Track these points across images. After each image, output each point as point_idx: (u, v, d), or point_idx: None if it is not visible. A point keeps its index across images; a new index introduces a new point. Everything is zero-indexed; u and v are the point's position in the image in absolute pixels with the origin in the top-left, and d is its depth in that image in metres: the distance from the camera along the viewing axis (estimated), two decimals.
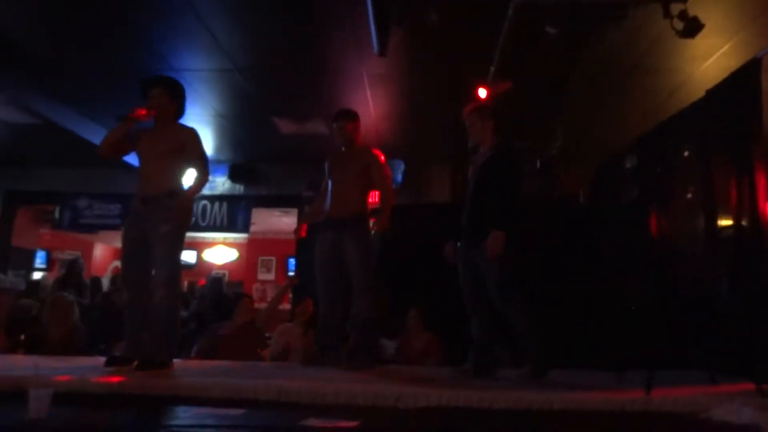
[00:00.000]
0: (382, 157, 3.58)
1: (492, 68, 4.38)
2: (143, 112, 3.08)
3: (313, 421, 2.03)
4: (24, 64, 4.83)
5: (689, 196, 3.76)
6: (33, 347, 4.00)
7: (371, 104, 5.58)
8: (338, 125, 3.56)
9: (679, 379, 2.75)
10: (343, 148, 3.60)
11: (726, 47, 4.29)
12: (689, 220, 3.68)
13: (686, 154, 3.79)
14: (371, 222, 3.47)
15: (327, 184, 3.62)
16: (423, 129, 6.30)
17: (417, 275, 5.29)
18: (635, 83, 4.90)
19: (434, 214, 5.93)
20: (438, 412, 2.23)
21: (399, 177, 6.76)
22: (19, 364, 3.05)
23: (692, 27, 3.47)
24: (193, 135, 3.16)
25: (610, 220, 4.66)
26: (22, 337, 4.54)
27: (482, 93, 4.49)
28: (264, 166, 7.44)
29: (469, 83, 4.56)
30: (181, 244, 3.08)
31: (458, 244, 3.20)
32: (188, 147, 3.12)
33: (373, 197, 7.09)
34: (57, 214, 7.59)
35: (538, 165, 6.01)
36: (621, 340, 3.22)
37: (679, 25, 3.49)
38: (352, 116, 3.60)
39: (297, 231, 3.66)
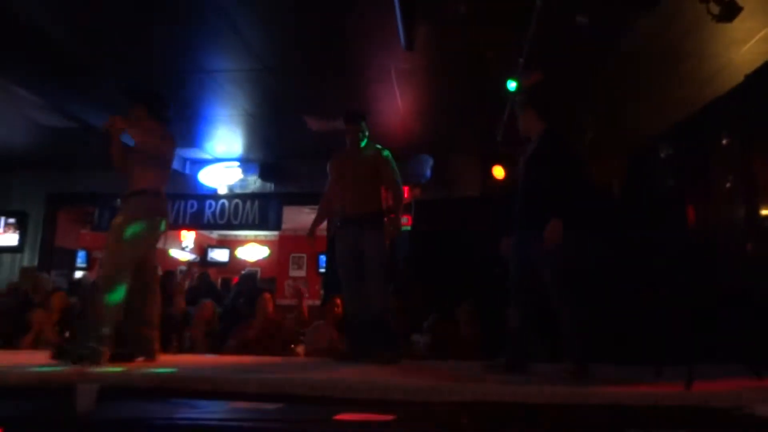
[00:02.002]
0: (388, 159, 3.61)
1: (521, 60, 4.33)
2: (117, 123, 3.15)
3: (347, 416, 2.06)
4: (63, 70, 4.99)
5: (728, 185, 3.65)
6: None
7: (399, 99, 5.57)
8: (347, 128, 3.63)
9: (720, 373, 2.69)
10: (350, 149, 3.65)
11: (765, 31, 4.14)
12: (728, 210, 3.57)
13: (725, 141, 3.68)
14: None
15: (333, 185, 3.67)
16: (451, 123, 6.26)
17: (447, 269, 5.29)
18: (670, 70, 4.77)
19: (464, 208, 5.92)
20: (472, 406, 2.23)
21: (428, 172, 6.73)
22: None
23: (730, 11, 3.36)
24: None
25: (644, 211, 4.56)
26: (68, 334, 4.73)
27: (511, 86, 4.44)
28: (294, 163, 7.51)
29: (498, 76, 4.52)
30: None
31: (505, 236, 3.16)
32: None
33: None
34: (96, 216, 7.83)
35: None
36: (658, 334, 3.15)
37: (716, 9, 3.38)
38: (361, 118, 3.66)
39: (310, 237, 3.72)
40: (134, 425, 2.02)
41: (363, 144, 3.65)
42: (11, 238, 7.69)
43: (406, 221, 6.77)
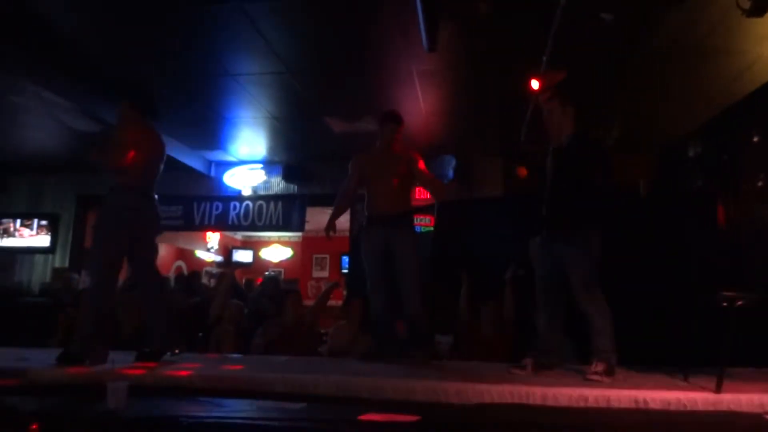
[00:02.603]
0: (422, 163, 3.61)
1: (544, 58, 4.28)
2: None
3: (372, 416, 2.06)
4: (93, 76, 5.11)
5: (759, 184, 3.56)
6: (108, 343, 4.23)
7: (421, 100, 5.57)
8: (391, 128, 3.60)
9: (751, 377, 2.63)
10: (382, 149, 3.63)
11: None
12: (759, 209, 3.48)
13: (756, 139, 3.59)
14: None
15: (353, 183, 3.67)
16: (473, 123, 6.23)
17: (470, 270, 5.26)
18: (698, 67, 4.67)
19: (487, 208, 5.88)
20: (498, 408, 2.22)
21: (450, 172, 6.71)
22: None
23: (761, 5, 3.27)
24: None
25: (672, 210, 4.47)
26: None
27: (535, 85, 4.40)
28: (316, 165, 7.57)
29: (520, 75, 4.48)
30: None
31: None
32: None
33: (421, 194, 7.12)
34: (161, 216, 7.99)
35: None
36: (686, 336, 3.09)
37: (746, 3, 3.30)
38: (401, 122, 3.66)
39: (328, 230, 3.71)
40: (163, 423, 2.06)
41: (395, 144, 3.63)
42: (43, 240, 7.90)
43: (428, 222, 6.76)
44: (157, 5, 3.97)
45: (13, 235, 7.94)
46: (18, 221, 7.94)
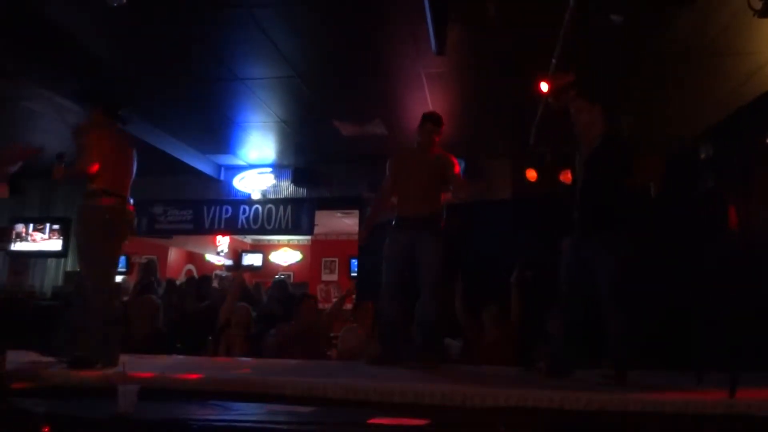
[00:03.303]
0: (457, 167, 3.60)
1: (553, 60, 4.27)
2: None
3: (381, 419, 2.06)
4: (104, 82, 5.16)
5: None
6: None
7: (429, 103, 5.56)
8: (428, 129, 3.57)
9: (766, 381, 2.59)
10: (419, 150, 3.59)
11: None
12: None
13: None
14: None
15: (391, 183, 3.62)
16: (482, 125, 6.22)
17: (479, 272, 5.24)
18: (708, 69, 4.63)
19: (496, 210, 5.86)
20: (507, 412, 2.21)
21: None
22: None
23: None
24: None
25: (683, 213, 4.44)
26: None
27: (544, 87, 4.38)
28: (326, 169, 7.59)
29: (530, 77, 4.47)
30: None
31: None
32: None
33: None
34: (135, 221, 8.04)
35: None
36: (700, 340, 3.06)
37: (758, 4, 3.27)
38: (440, 123, 3.63)
39: (363, 234, 3.69)
40: (173, 426, 2.07)
41: (431, 147, 3.60)
42: (56, 244, 7.97)
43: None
44: (168, 11, 4.00)
45: (26, 240, 8.03)
46: (31, 226, 8.03)
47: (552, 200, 4.35)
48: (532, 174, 5.94)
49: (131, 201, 3.41)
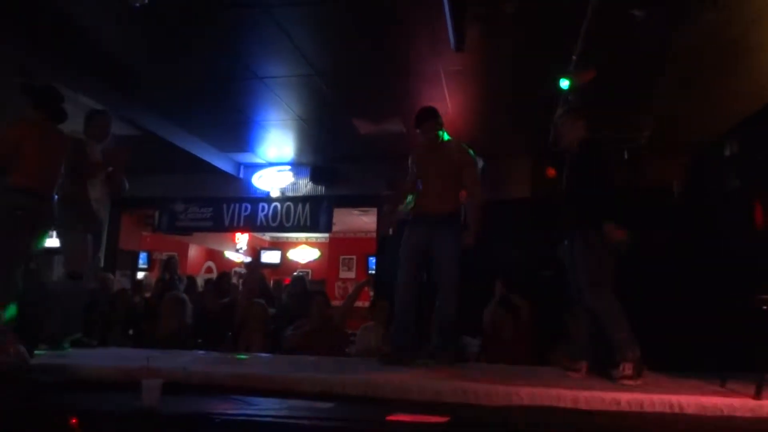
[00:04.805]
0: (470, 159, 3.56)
1: (574, 57, 4.23)
2: None
3: (400, 416, 2.07)
4: (126, 81, 5.25)
5: None
6: (142, 342, 4.35)
7: (448, 100, 5.55)
8: (424, 128, 3.55)
9: None
10: (432, 145, 3.56)
11: None
12: None
13: None
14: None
15: (413, 180, 3.60)
16: (501, 123, 6.18)
17: (498, 271, 5.22)
18: (734, 64, 4.54)
19: (514, 209, 5.83)
20: (528, 410, 2.20)
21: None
22: (132, 357, 3.32)
23: None
24: None
25: (708, 212, 4.36)
26: (131, 331, 4.95)
27: (564, 84, 4.35)
28: (344, 167, 7.61)
29: (549, 74, 4.43)
30: None
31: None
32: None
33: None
34: (156, 218, 8.17)
35: (626, 155, 5.73)
36: (725, 341, 3.01)
37: None
38: (428, 117, 3.56)
39: (386, 229, 3.68)
40: (196, 420, 2.10)
41: (445, 139, 3.56)
42: (55, 241, 8.10)
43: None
44: (188, 11, 4.05)
45: (50, 237, 8.18)
46: None
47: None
48: (551, 172, 5.89)
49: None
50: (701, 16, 3.80)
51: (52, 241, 3.80)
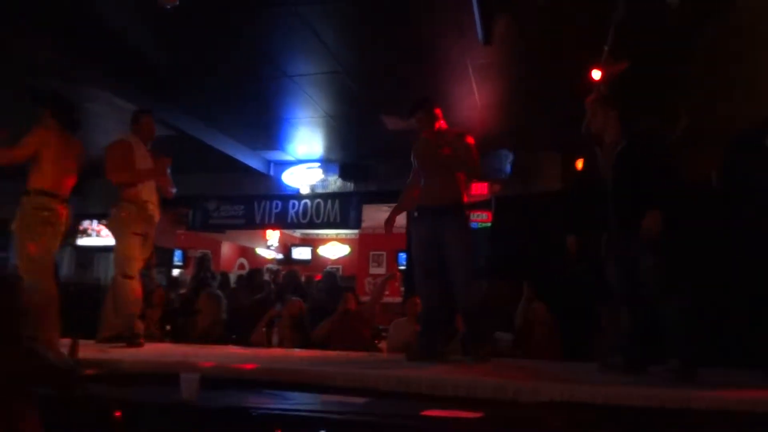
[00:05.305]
0: (471, 140, 3.43)
1: (606, 48, 4.14)
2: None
3: (435, 411, 2.07)
4: (162, 84, 5.37)
5: None
6: (179, 337, 4.46)
7: (476, 94, 5.51)
8: (417, 118, 3.49)
9: None
10: (428, 136, 3.47)
11: None
12: None
13: None
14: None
15: (416, 174, 3.56)
16: (531, 116, 6.10)
17: (529, 265, 5.17)
18: None
19: (546, 202, 5.75)
20: (563, 406, 2.17)
21: (507, 167, 6.61)
22: (170, 352, 3.42)
23: None
24: None
25: (748, 203, 4.22)
26: (168, 327, 5.08)
27: (596, 75, 4.26)
28: (373, 163, 7.63)
29: (580, 66, 4.35)
30: None
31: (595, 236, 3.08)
32: None
33: (478, 189, 7.02)
34: (191, 216, 8.35)
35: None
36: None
37: None
38: (419, 106, 3.49)
39: (388, 224, 3.64)
40: (233, 414, 2.15)
41: (438, 130, 3.47)
42: None
43: (485, 218, 6.68)
44: (217, 12, 4.12)
45: (90, 235, 8.47)
46: (94, 221, 8.45)
47: (602, 192, 4.23)
48: (579, 163, 5.78)
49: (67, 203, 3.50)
50: (737, 1, 3.67)
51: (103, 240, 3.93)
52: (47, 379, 2.02)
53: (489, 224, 6.34)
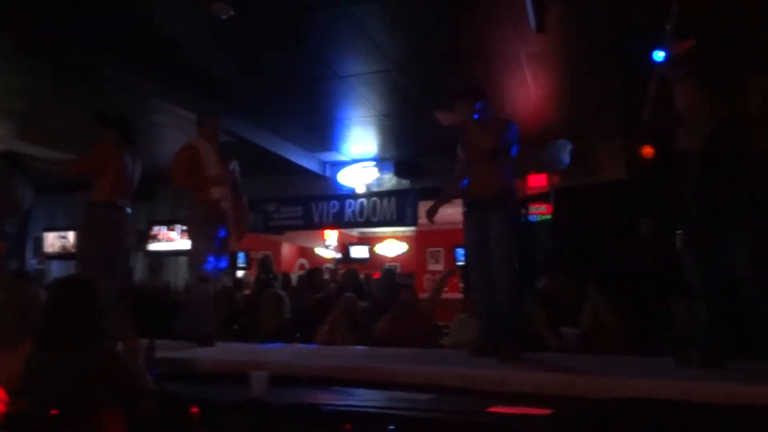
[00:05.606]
0: (515, 127, 3.32)
1: (668, 27, 3.94)
2: None
3: (502, 408, 2.05)
4: (220, 91, 5.56)
5: None
6: (245, 336, 4.61)
7: (531, 84, 5.38)
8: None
9: None
10: (471, 126, 3.35)
11: None
12: None
13: None
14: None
15: (462, 167, 3.49)
16: (590, 103, 5.90)
17: (593, 259, 5.00)
18: None
19: (609, 193, 5.55)
20: (634, 403, 2.09)
21: (567, 158, 6.41)
22: (239, 351, 3.54)
23: None
24: None
25: None
26: (236, 327, 5.26)
27: (659, 56, 4.06)
28: (427, 159, 7.60)
29: (641, 47, 4.16)
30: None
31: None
32: None
33: (536, 181, 6.85)
34: (251, 219, 8.60)
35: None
36: None
37: None
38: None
39: (430, 214, 3.59)
40: (302, 410, 2.20)
41: (482, 120, 3.35)
42: (186, 243, 8.73)
43: (544, 210, 6.52)
44: (270, 18, 4.21)
45: (161, 241, 8.89)
46: (163, 228, 8.86)
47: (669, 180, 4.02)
48: (648, 151, 5.53)
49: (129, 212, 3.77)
50: None
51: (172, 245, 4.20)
52: (124, 385, 2.11)
53: (549, 217, 6.18)
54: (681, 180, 2.85)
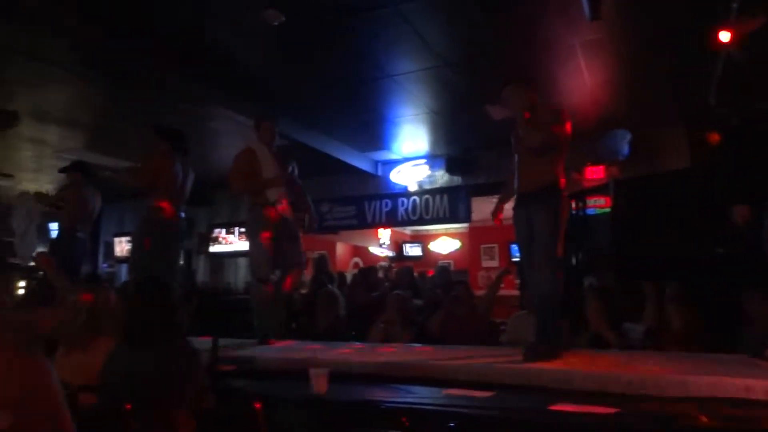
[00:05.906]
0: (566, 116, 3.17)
1: (734, 5, 3.72)
2: None
3: (565, 406, 2.00)
4: (272, 95, 5.70)
5: None
6: (303, 335, 4.70)
7: (586, 73, 5.21)
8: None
9: None
10: (519, 117, 3.24)
11: None
12: None
13: None
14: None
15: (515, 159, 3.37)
16: (648, 91, 5.66)
17: (656, 251, 4.80)
18: None
19: (672, 183, 5.31)
20: (708, 402, 2.00)
21: (626, 148, 6.18)
22: (298, 349, 3.61)
23: None
24: None
25: None
26: (294, 325, 5.38)
27: (724, 36, 3.84)
28: (479, 155, 7.52)
29: (702, 30, 3.95)
30: None
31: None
32: None
33: (593, 173, 6.63)
34: (306, 220, 8.75)
35: None
36: None
37: None
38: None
39: (495, 215, 3.51)
40: (362, 407, 2.23)
41: (531, 110, 3.23)
42: (245, 245, 9.01)
43: (603, 203, 6.30)
44: (319, 21, 4.27)
45: (220, 243, 9.20)
46: (223, 230, 9.17)
47: (739, 168, 3.78)
48: (715, 138, 5.25)
49: (182, 214, 4.11)
50: None
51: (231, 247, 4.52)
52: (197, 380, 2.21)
53: (608, 210, 5.97)
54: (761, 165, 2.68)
